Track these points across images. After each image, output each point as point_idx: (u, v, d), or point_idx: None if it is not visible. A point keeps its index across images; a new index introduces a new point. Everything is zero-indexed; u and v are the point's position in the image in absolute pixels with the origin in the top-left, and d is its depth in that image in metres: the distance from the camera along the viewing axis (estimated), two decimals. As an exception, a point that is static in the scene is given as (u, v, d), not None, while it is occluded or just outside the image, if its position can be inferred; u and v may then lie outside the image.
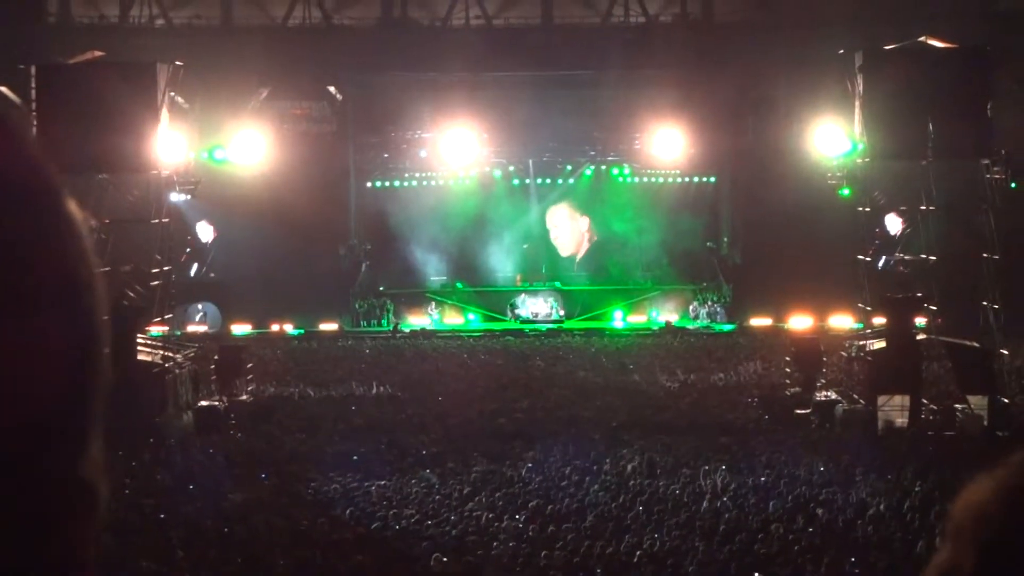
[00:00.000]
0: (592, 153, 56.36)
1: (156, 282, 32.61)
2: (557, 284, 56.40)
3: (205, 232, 54.04)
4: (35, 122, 31.90)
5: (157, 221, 33.01)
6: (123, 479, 24.30)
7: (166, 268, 33.45)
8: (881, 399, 30.48)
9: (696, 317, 55.17)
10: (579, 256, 58.46)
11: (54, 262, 1.60)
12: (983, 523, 1.71)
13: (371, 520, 20.61)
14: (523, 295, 55.91)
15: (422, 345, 48.18)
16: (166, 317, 33.67)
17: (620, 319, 55.07)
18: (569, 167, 57.11)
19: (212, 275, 53.96)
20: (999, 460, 1.66)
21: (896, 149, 33.57)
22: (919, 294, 32.68)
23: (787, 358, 36.75)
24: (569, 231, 58.43)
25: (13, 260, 1.57)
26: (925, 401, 30.67)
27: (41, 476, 1.60)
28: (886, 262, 40.37)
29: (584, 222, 58.34)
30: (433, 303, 55.38)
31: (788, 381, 35.73)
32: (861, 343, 33.65)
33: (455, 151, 53.53)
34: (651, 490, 22.72)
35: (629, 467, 24.79)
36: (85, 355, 1.63)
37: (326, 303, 52.81)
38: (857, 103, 33.79)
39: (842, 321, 49.10)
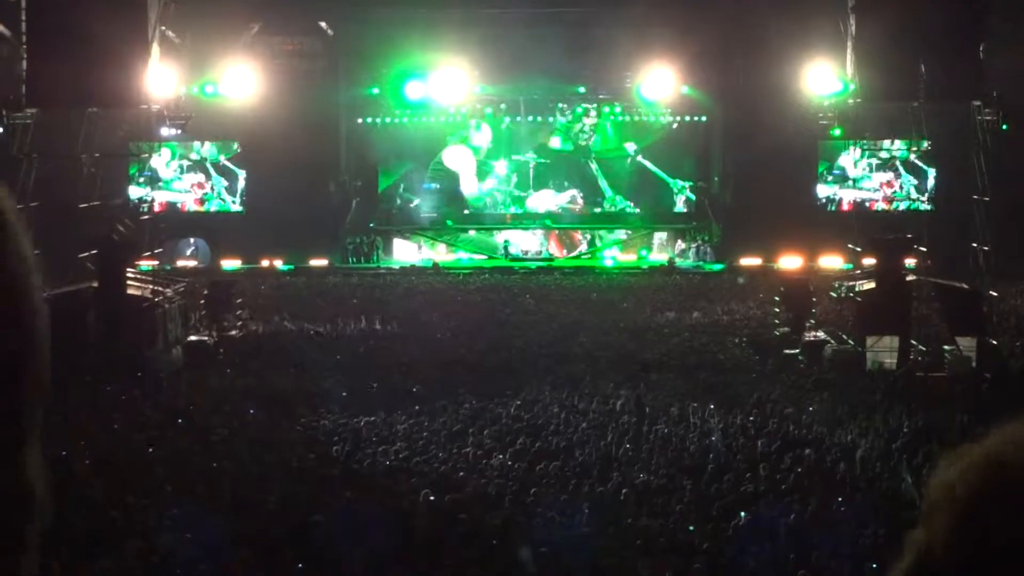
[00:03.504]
0: (583, 91, 56.16)
1: (146, 216, 32.52)
2: (547, 222, 56.33)
3: None
4: (25, 55, 31.70)
5: (147, 155, 32.87)
6: (111, 413, 24.35)
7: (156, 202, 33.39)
8: (870, 340, 30.55)
9: (682, 256, 55.24)
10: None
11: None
12: (959, 501, 1.60)
13: (360, 456, 20.67)
14: (513, 232, 55.91)
15: (412, 282, 48.16)
16: (156, 251, 33.61)
17: (610, 257, 55.14)
18: (561, 105, 56.85)
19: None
20: (985, 400, 1.62)
21: (888, 90, 33.52)
22: (909, 235, 32.65)
23: (776, 298, 36.77)
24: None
25: None
26: (914, 342, 30.73)
27: None
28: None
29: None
30: (421, 241, 55.42)
31: (777, 321, 35.78)
32: (851, 284, 33.67)
33: (446, 88, 53.40)
34: (639, 429, 22.79)
35: (617, 405, 24.86)
36: (23, 367, 1.64)
37: (316, 239, 52.74)
38: (849, 43, 33.73)
39: (832, 262, 49.15)
